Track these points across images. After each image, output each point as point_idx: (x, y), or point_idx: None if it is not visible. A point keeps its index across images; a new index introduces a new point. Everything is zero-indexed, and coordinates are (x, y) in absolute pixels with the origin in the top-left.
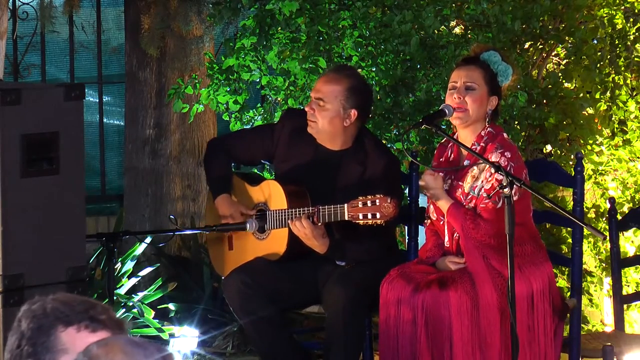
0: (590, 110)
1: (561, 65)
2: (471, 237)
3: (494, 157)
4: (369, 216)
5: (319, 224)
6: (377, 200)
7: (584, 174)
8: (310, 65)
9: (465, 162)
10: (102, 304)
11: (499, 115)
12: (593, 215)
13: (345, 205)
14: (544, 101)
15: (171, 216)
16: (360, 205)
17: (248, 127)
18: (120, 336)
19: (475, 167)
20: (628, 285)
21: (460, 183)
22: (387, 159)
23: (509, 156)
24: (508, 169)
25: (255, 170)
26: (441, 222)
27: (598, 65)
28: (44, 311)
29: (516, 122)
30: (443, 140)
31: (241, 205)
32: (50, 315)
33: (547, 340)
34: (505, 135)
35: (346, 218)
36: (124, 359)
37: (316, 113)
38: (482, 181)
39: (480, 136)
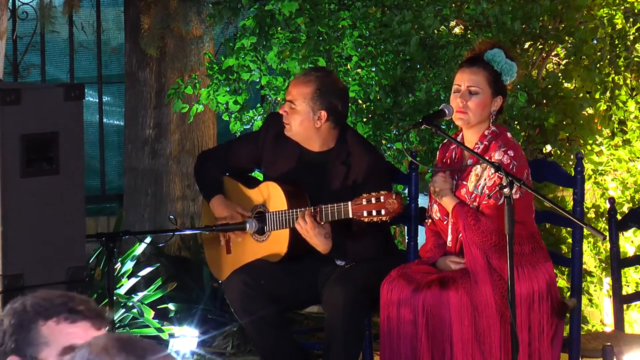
0: (590, 110)
1: (561, 65)
2: (473, 234)
3: (497, 155)
4: (374, 213)
5: (322, 222)
6: (382, 197)
7: (584, 174)
8: (310, 66)
9: (469, 162)
10: (81, 296)
11: (503, 112)
12: (593, 215)
13: (349, 203)
14: (544, 101)
15: (171, 216)
16: (364, 203)
17: (248, 127)
18: (110, 335)
19: (478, 166)
20: (628, 285)
21: (464, 182)
22: (370, 156)
23: (512, 154)
24: (510, 167)
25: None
26: (445, 222)
27: (598, 65)
28: (24, 307)
29: (516, 122)
30: (445, 140)
31: (237, 205)
32: (30, 310)
33: (547, 340)
34: (509, 134)
35: (350, 216)
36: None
37: (289, 116)
38: (485, 179)
39: (484, 135)
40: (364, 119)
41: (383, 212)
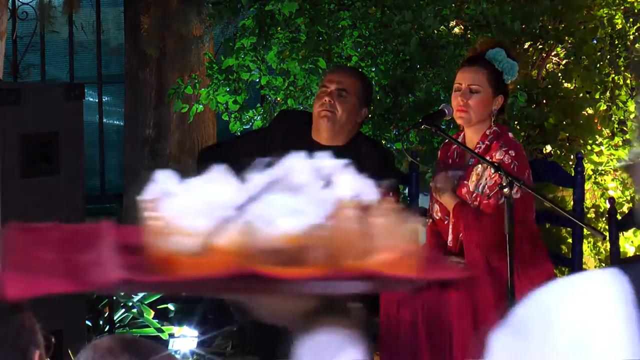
0: (590, 110)
1: (561, 65)
2: (473, 233)
3: (498, 155)
4: None
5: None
6: None
7: (584, 174)
8: (310, 66)
9: (470, 161)
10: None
11: (505, 112)
12: (593, 215)
13: None
14: (544, 101)
15: None
16: None
17: (247, 127)
18: (114, 336)
19: (479, 165)
20: None
21: (465, 182)
22: (379, 151)
23: (513, 154)
24: (512, 166)
25: None
26: (445, 222)
27: (598, 65)
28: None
29: (516, 122)
30: (446, 140)
31: None
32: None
33: None
34: (510, 134)
35: None
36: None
37: (337, 104)
38: (486, 178)
39: (485, 135)
40: None
41: None
